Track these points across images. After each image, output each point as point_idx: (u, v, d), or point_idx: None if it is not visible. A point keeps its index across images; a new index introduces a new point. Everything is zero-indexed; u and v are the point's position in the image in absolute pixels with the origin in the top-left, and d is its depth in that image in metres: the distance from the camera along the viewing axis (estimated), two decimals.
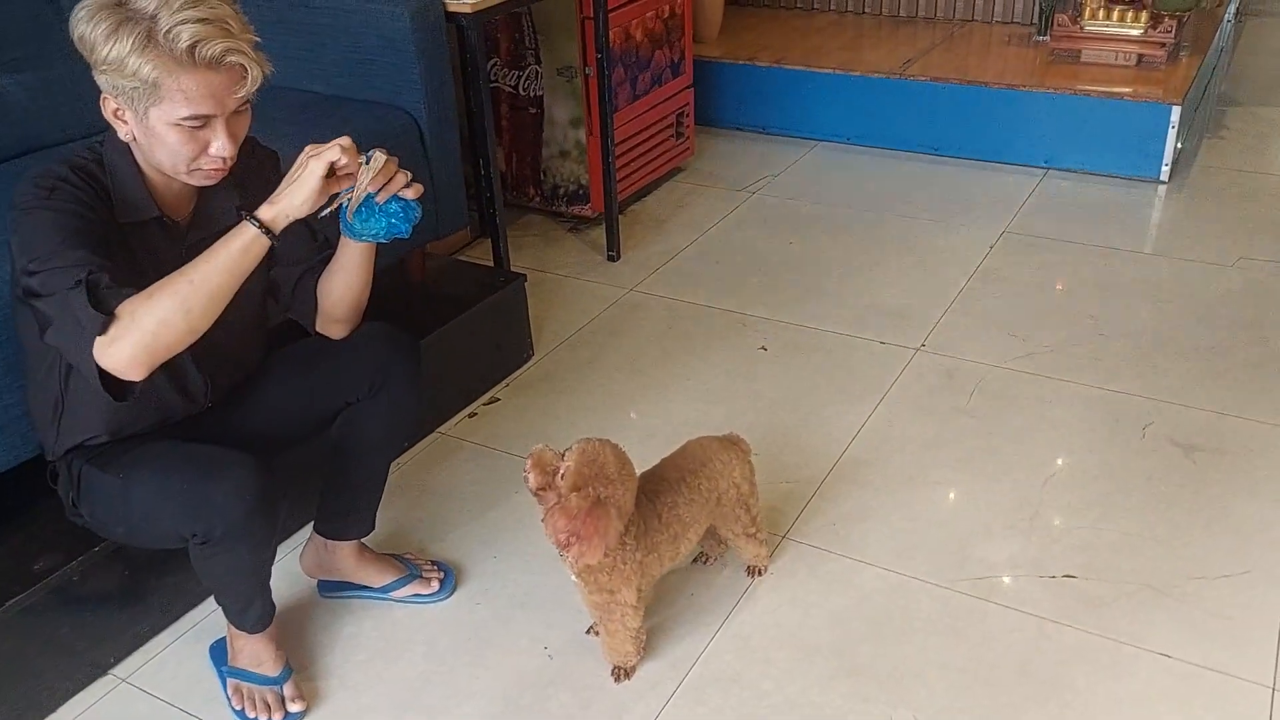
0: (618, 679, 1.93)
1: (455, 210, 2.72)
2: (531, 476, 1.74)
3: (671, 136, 3.85)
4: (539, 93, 3.47)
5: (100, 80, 1.55)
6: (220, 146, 1.58)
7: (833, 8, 4.93)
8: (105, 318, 1.48)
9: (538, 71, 3.44)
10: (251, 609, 1.85)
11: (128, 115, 1.57)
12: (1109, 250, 3.36)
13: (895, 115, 4.11)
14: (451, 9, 2.60)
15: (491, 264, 2.96)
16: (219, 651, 1.97)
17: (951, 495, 2.36)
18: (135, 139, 1.59)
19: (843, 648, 1.98)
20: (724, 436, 2.06)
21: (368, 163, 1.63)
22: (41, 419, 1.75)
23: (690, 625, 2.04)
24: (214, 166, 1.61)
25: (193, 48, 1.49)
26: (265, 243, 1.55)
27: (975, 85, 3.95)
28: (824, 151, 4.21)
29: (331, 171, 1.58)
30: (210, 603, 2.08)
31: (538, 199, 3.66)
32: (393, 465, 2.08)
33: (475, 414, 2.71)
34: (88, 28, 1.51)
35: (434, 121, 2.61)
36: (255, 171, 1.78)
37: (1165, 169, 3.73)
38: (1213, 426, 2.51)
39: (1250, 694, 1.85)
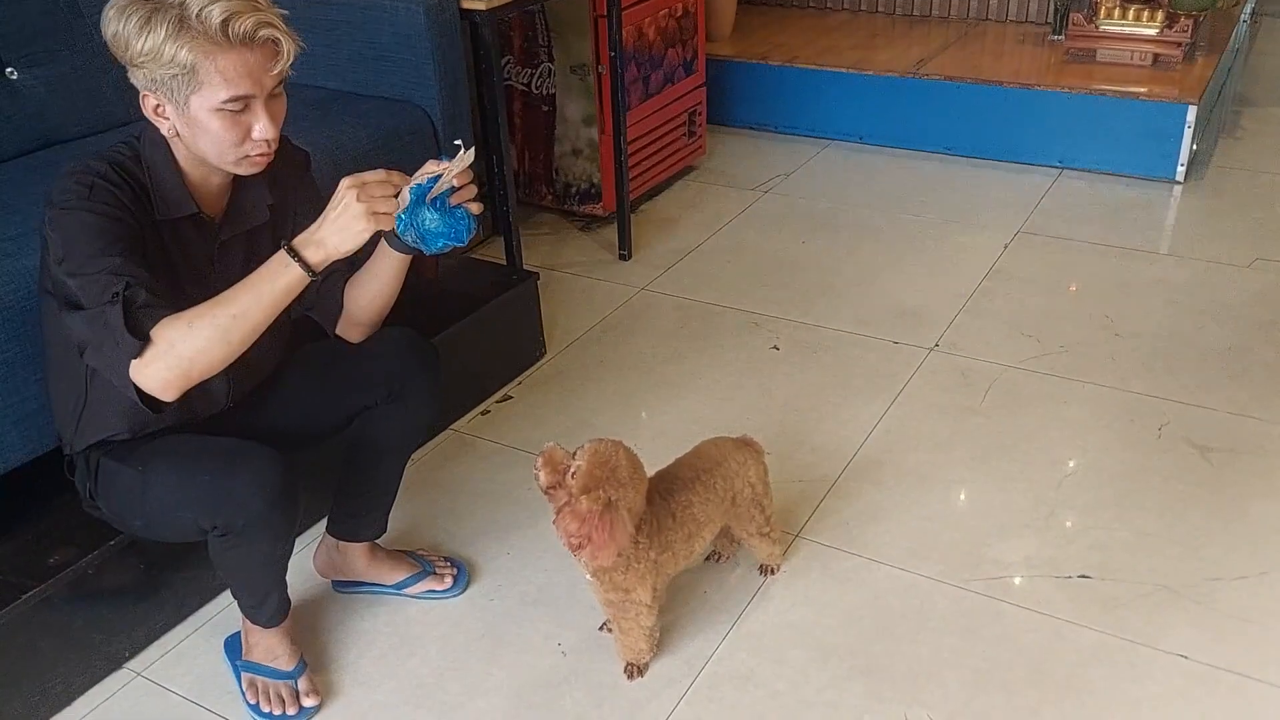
0: (631, 676, 1.93)
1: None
2: (542, 474, 1.73)
3: (684, 135, 3.85)
4: (551, 91, 3.47)
5: (137, 77, 1.56)
6: (262, 129, 1.58)
7: (846, 6, 4.93)
8: (141, 342, 1.49)
9: (550, 69, 3.44)
10: (268, 603, 1.85)
11: (168, 110, 1.57)
12: (1124, 250, 3.35)
13: (909, 114, 4.10)
14: (466, 6, 2.60)
15: (504, 262, 2.95)
16: (234, 646, 1.97)
17: (966, 495, 2.35)
18: (178, 134, 1.59)
19: (857, 647, 1.97)
20: (738, 437, 2.05)
21: (463, 152, 1.61)
22: (62, 413, 1.76)
23: (704, 623, 2.04)
24: (259, 152, 1.61)
25: (225, 24, 1.49)
26: (306, 279, 1.56)
27: (990, 84, 3.94)
28: (837, 151, 4.20)
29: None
30: (225, 597, 2.08)
31: (550, 197, 3.66)
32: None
33: (488, 411, 2.71)
34: (119, 24, 1.51)
35: (448, 118, 2.61)
36: (287, 169, 1.79)
37: (1181, 169, 3.71)
38: (1229, 427, 2.50)
39: (1269, 696, 1.83)
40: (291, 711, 1.86)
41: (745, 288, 3.23)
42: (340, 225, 1.54)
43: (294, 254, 1.54)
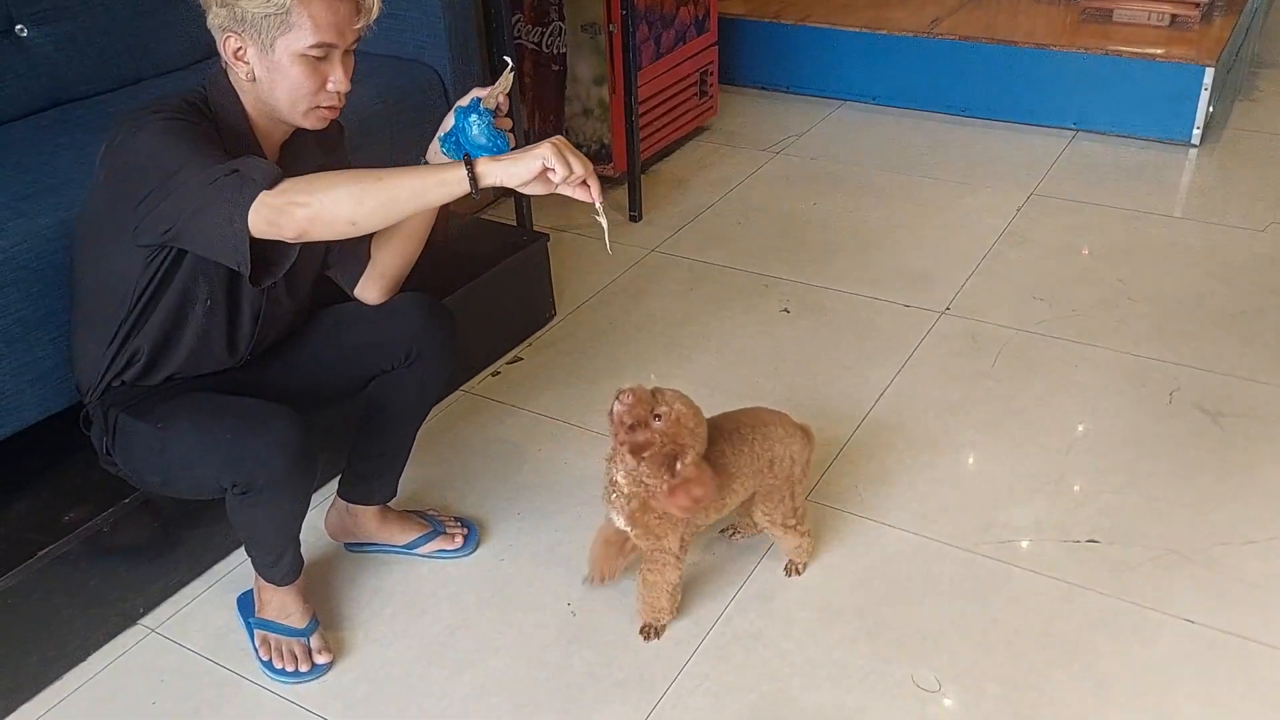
0: (647, 637, 1.94)
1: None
2: (630, 412, 1.71)
3: (695, 95, 3.81)
4: (562, 50, 3.44)
5: (219, 17, 1.57)
6: (338, 80, 1.62)
7: None
8: (279, 176, 1.50)
9: (561, 28, 3.41)
10: (282, 561, 1.87)
11: (249, 53, 1.59)
12: (1138, 214, 3.32)
13: (922, 75, 4.06)
14: None
15: (514, 223, 2.95)
16: (247, 603, 1.99)
17: (975, 459, 2.35)
18: (255, 78, 1.61)
19: (865, 609, 1.98)
20: (796, 421, 2.00)
21: (508, 71, 1.71)
22: (88, 357, 1.75)
23: (713, 584, 2.05)
24: (330, 104, 1.65)
25: None
26: (465, 189, 1.52)
27: (1004, 45, 3.89)
28: (849, 111, 4.16)
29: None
30: (239, 554, 2.10)
31: None
32: None
33: (499, 373, 2.71)
34: None
35: (458, 78, 2.60)
36: (331, 134, 1.82)
37: (1197, 132, 3.68)
38: (1240, 392, 2.49)
39: (1275, 660, 1.84)
40: (304, 668, 1.89)
41: (756, 249, 3.22)
42: (521, 153, 1.53)
43: (467, 164, 1.53)
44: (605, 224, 1.61)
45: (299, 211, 1.49)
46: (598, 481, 2.30)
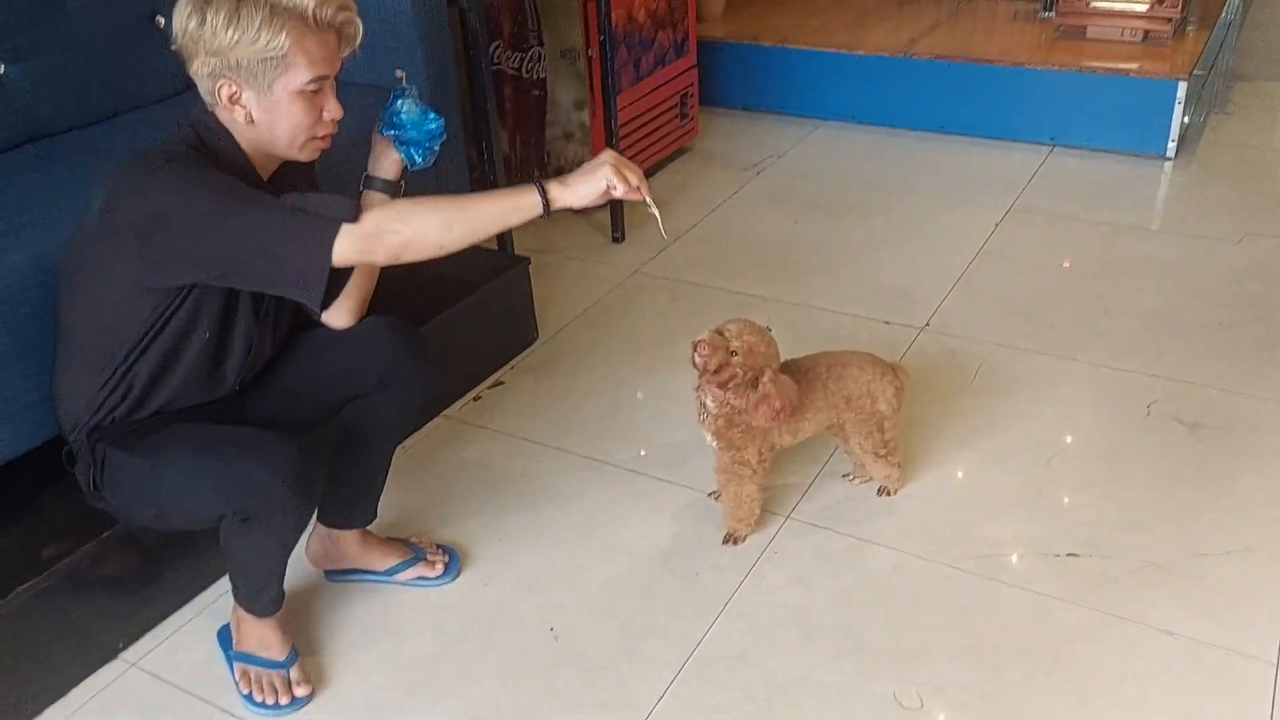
0: (724, 541, 2.18)
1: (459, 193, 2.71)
2: (713, 358, 1.97)
3: (676, 117, 3.84)
4: (542, 75, 3.46)
5: (209, 65, 1.59)
6: (333, 109, 1.67)
7: None
8: (357, 209, 1.56)
9: (540, 53, 3.43)
10: (266, 591, 1.86)
11: (245, 96, 1.61)
12: (1114, 227, 3.35)
13: (900, 94, 4.09)
14: None
15: (495, 246, 2.96)
16: (227, 636, 1.98)
17: (955, 474, 2.36)
18: (252, 120, 1.64)
19: (847, 626, 1.99)
20: (887, 361, 2.22)
21: (404, 77, 1.92)
22: (74, 395, 1.74)
23: (696, 604, 2.05)
24: (326, 133, 1.70)
25: (317, 10, 1.59)
26: (539, 212, 1.63)
27: (980, 63, 3.94)
28: (829, 131, 4.19)
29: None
30: (220, 586, 2.09)
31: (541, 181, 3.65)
32: (397, 449, 2.09)
33: (480, 397, 2.72)
34: (210, 14, 1.56)
35: (436, 105, 2.61)
36: (308, 163, 1.84)
37: (1171, 145, 3.71)
38: (1218, 404, 2.51)
39: (1253, 671, 1.85)
40: (284, 700, 1.88)
41: (738, 269, 3.24)
42: (587, 173, 1.66)
43: (540, 186, 1.62)
44: (658, 214, 1.75)
45: (394, 239, 1.57)
46: (580, 506, 2.32)
